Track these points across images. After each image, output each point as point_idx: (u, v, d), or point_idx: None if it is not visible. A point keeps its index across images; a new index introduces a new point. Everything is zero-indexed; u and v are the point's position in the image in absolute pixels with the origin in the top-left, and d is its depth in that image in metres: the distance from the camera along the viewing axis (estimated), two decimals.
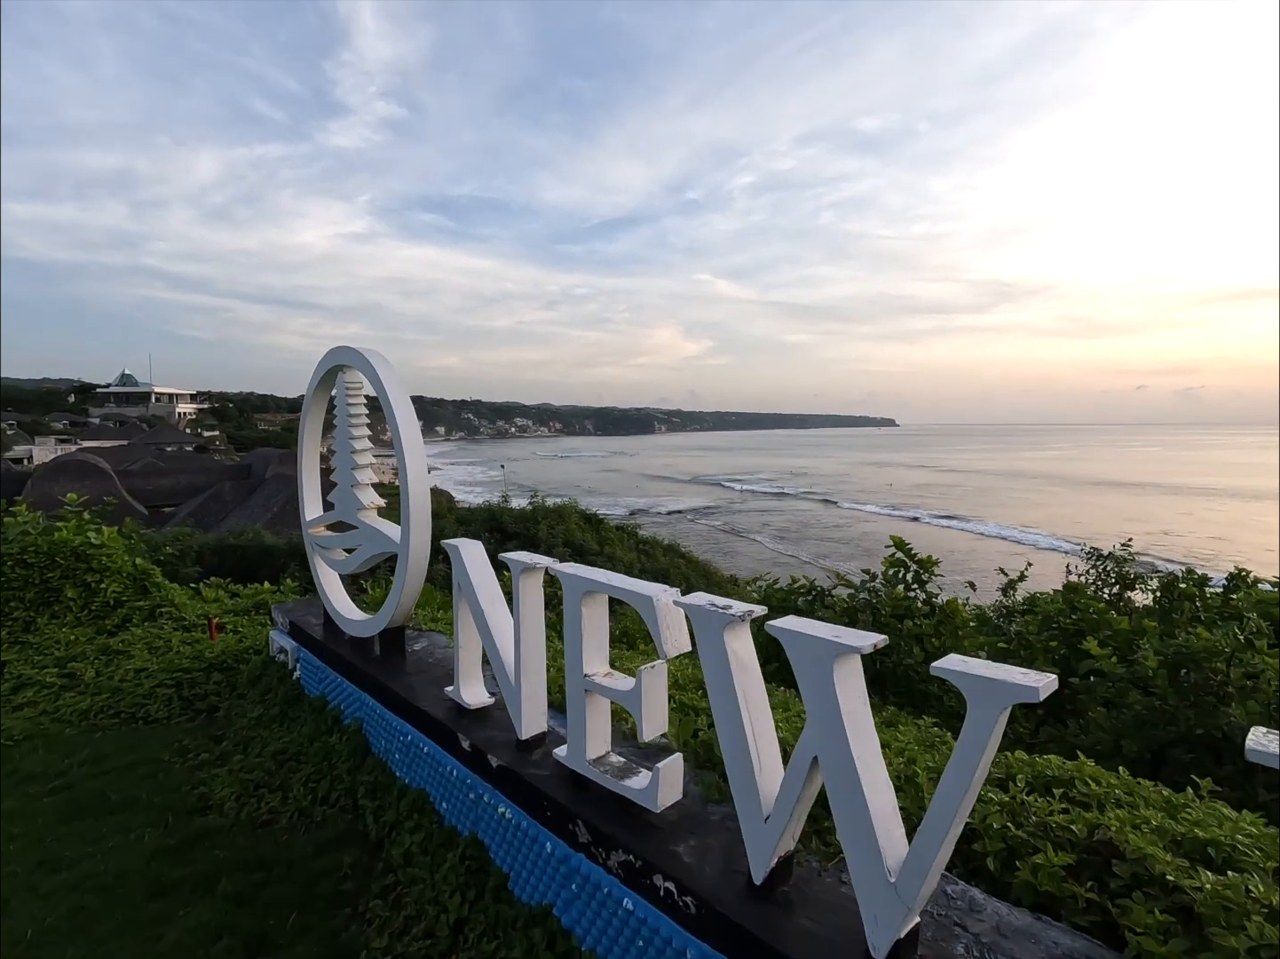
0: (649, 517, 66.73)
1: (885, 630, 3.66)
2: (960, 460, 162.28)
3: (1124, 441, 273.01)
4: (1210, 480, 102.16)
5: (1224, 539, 58.81)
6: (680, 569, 20.06)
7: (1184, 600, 4.69)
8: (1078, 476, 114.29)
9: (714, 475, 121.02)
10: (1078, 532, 60.61)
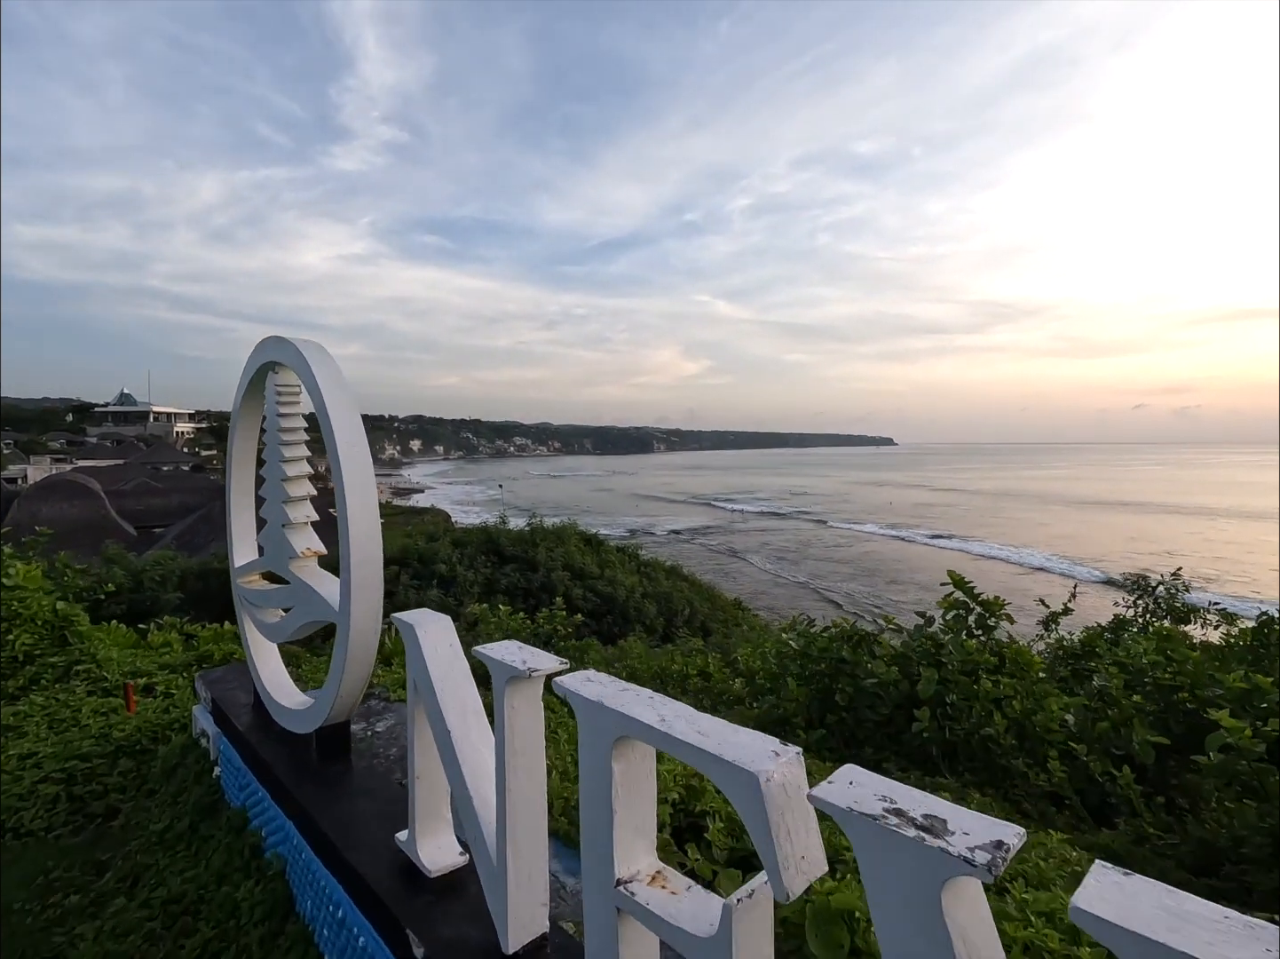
0: (648, 536, 66.08)
1: (953, 688, 3.09)
2: (959, 480, 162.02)
3: (1122, 461, 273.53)
4: (1210, 500, 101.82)
5: (1226, 558, 58.35)
6: (683, 593, 19.45)
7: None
8: (1077, 496, 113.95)
9: (713, 495, 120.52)
10: (1079, 551, 60.15)
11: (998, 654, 3.22)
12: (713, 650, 8.58)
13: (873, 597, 44.68)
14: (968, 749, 2.91)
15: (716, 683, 5.41)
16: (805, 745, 3.08)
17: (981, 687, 2.93)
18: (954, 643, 3.19)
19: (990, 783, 2.81)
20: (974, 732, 2.86)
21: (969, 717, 2.91)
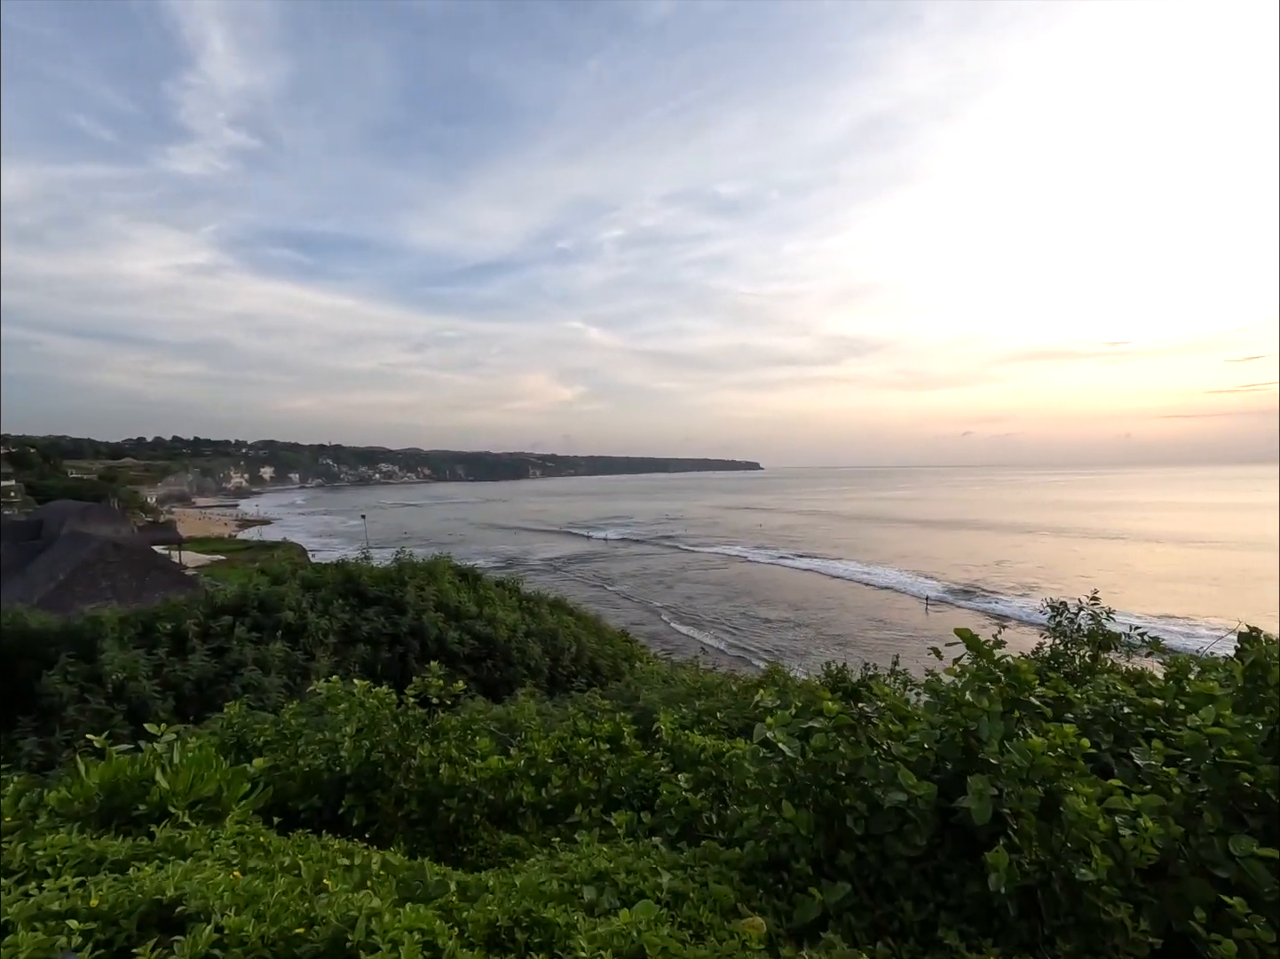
0: (525, 567, 63.80)
1: (1011, 801, 2.23)
2: (820, 502, 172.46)
3: (956, 482, 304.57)
4: (1027, 518, 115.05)
5: (1047, 567, 65.88)
6: (569, 628, 18.12)
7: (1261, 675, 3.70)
8: (920, 516, 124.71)
9: (589, 521, 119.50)
10: (926, 567, 65.44)
11: (1030, 753, 2.38)
12: (617, 705, 7.47)
13: (746, 618, 45.42)
14: (1049, 893, 2.06)
15: (643, 770, 4.32)
16: (823, 912, 2.08)
17: (1071, 806, 2.10)
18: (991, 729, 2.35)
19: (1089, 950, 1.97)
20: (1060, 873, 2.01)
21: (1048, 848, 2.07)
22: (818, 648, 36.95)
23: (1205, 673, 4.61)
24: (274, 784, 4.14)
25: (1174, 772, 2.87)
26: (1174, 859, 2.36)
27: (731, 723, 6.59)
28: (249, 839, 2.54)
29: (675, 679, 10.40)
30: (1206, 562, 66.09)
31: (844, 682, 9.29)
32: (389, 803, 4.13)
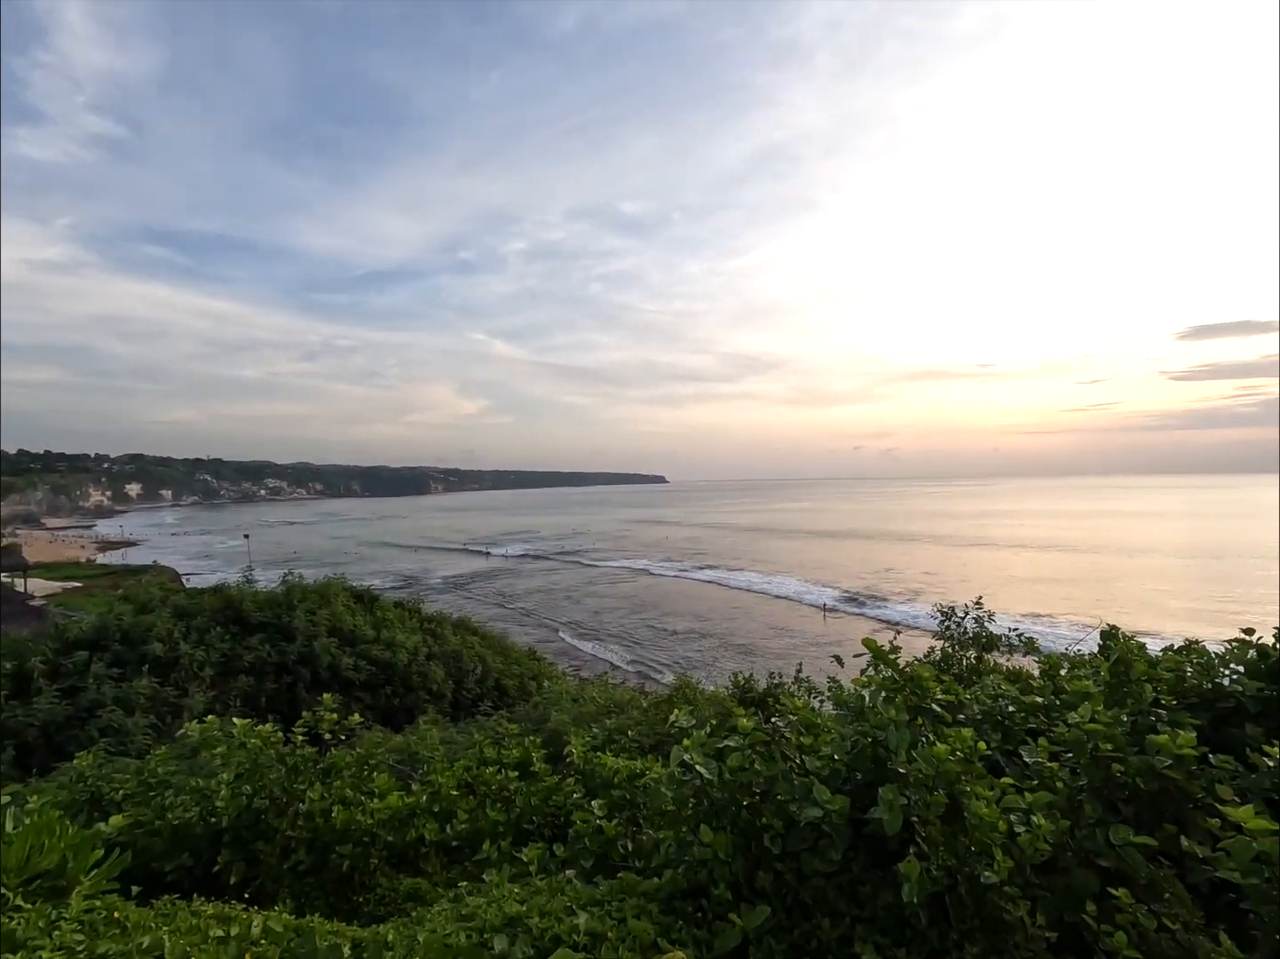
0: (426, 586, 61.37)
1: (919, 808, 2.29)
2: (723, 515, 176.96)
3: (848, 493, 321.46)
4: (913, 527, 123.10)
5: (931, 573, 70.65)
6: (474, 648, 17.53)
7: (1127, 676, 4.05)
8: (816, 527, 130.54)
9: (494, 536, 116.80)
10: (822, 575, 68.56)
11: (932, 757, 2.48)
12: (526, 728, 7.23)
13: (654, 630, 45.74)
14: (955, 898, 2.12)
15: (555, 798, 4.16)
16: (744, 938, 2.04)
17: (973, 810, 2.17)
18: (899, 738, 2.42)
19: (994, 951, 2.03)
20: (969, 876, 2.07)
21: (954, 853, 2.13)
22: (723, 658, 37.69)
23: (1075, 670, 5.02)
24: (135, 844, 3.67)
25: (1057, 767, 3.08)
26: (1063, 852, 2.51)
27: (643, 740, 6.53)
28: (100, 917, 2.19)
29: (585, 698, 10.24)
30: (1064, 564, 72.94)
31: (751, 692, 9.47)
32: (273, 854, 3.76)
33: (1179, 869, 2.66)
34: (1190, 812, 2.87)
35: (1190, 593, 52.30)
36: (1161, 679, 4.32)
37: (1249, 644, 4.49)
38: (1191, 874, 2.56)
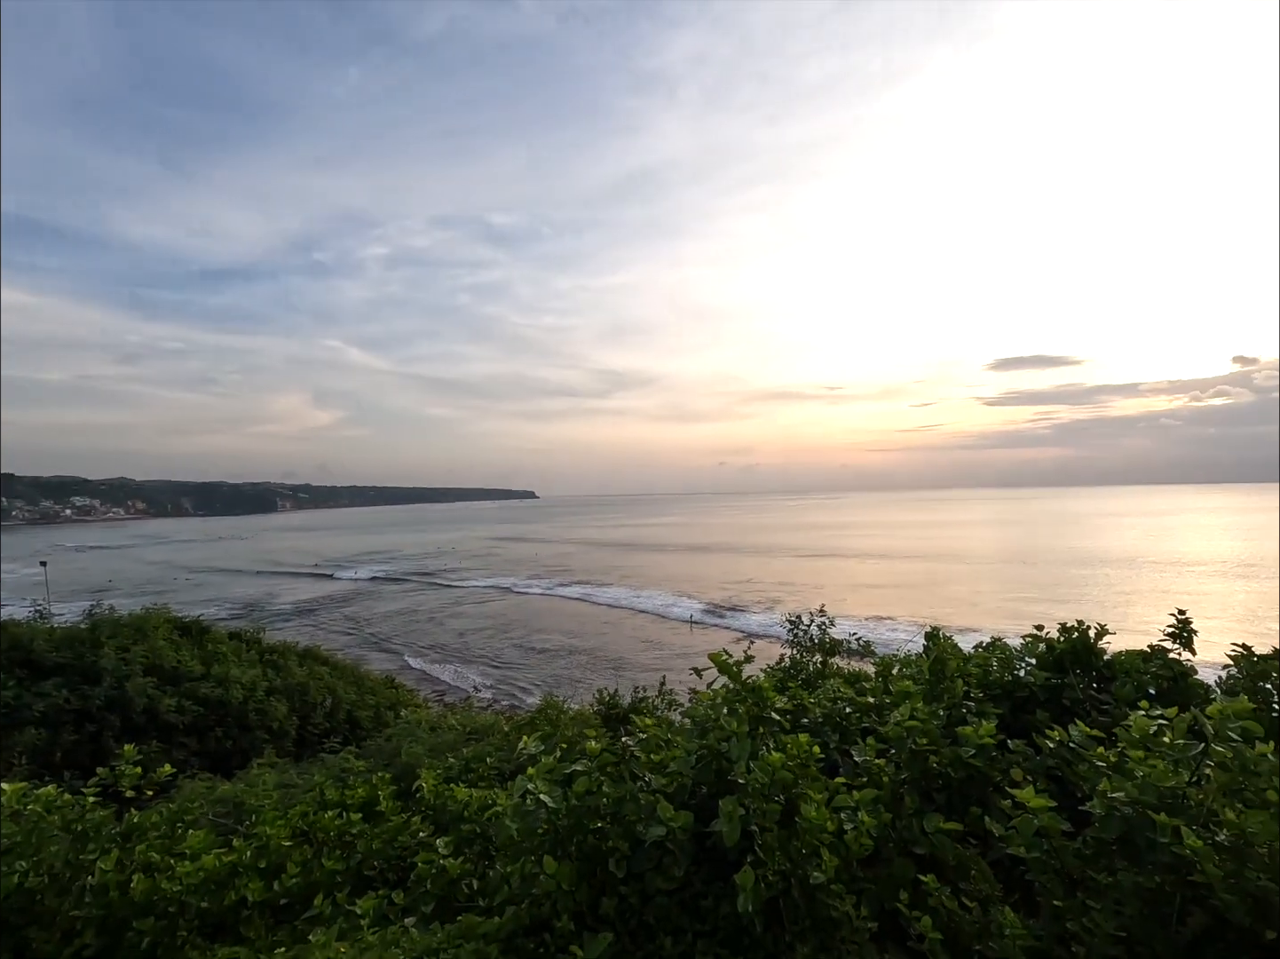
0: (269, 613, 56.19)
1: (757, 817, 2.37)
2: (594, 531, 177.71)
3: (712, 508, 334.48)
4: (772, 539, 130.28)
5: (788, 583, 75.06)
6: (323, 680, 16.22)
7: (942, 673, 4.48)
8: (683, 541, 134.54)
9: (352, 557, 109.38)
10: (689, 588, 70.77)
11: (787, 753, 2.63)
12: (376, 764, 6.77)
13: (522, 649, 44.86)
14: (789, 901, 2.21)
15: (400, 838, 3.88)
16: None
17: (805, 814, 2.28)
18: (739, 749, 2.50)
19: (823, 948, 2.13)
20: (797, 878, 2.17)
21: (788, 857, 2.22)
22: (593, 674, 37.62)
23: (903, 670, 5.49)
24: None
25: (884, 763, 3.33)
26: (885, 844, 2.71)
27: (503, 767, 6.31)
28: None
29: (444, 725, 9.77)
30: (903, 571, 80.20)
31: (615, 708, 9.49)
32: (51, 940, 3.21)
33: (984, 848, 2.97)
34: (991, 795, 3.21)
35: (1003, 594, 59.31)
36: (971, 674, 4.83)
37: (1039, 639, 5.14)
38: (992, 852, 2.86)
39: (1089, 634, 4.88)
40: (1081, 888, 2.30)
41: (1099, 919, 2.02)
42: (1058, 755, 3.20)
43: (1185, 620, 4.74)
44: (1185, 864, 1.96)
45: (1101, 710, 4.51)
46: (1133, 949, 2.00)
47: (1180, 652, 4.70)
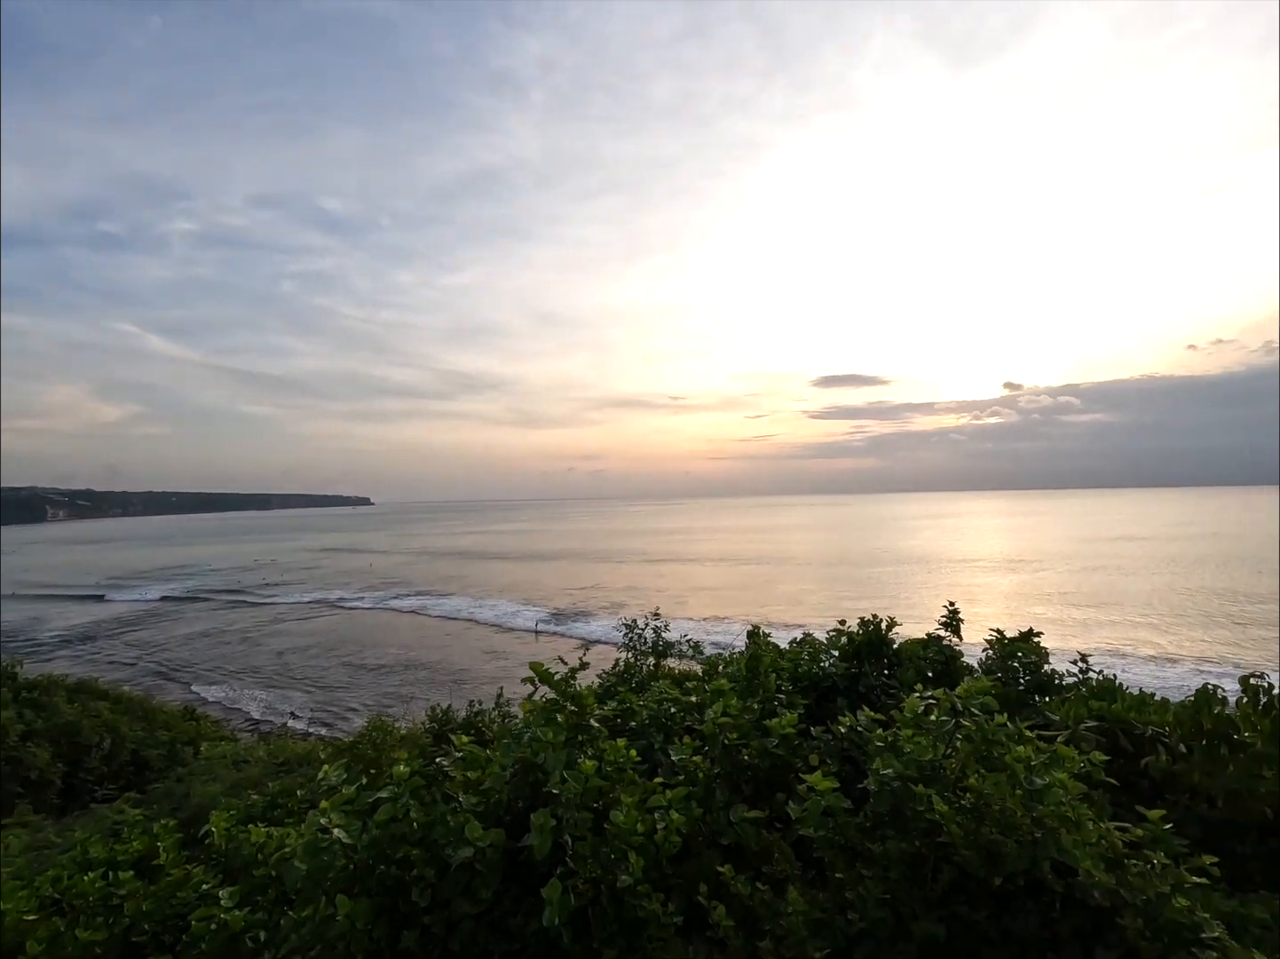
0: (32, 643, 47.57)
1: (570, 827, 2.36)
2: (436, 540, 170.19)
3: (561, 514, 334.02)
4: (618, 545, 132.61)
5: (633, 588, 76.78)
6: (102, 717, 13.97)
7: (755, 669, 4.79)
8: (529, 548, 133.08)
9: (138, 573, 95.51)
10: (535, 596, 70.07)
11: (600, 760, 2.64)
12: (160, 811, 5.94)
13: (351, 668, 41.91)
14: (598, 909, 2.20)
15: (180, 894, 3.41)
16: None
17: (614, 819, 2.29)
18: (555, 759, 2.48)
19: (631, 949, 2.15)
20: (607, 884, 2.17)
21: (599, 863, 2.23)
22: (431, 689, 35.91)
23: (726, 669, 5.80)
24: None
25: (700, 760, 3.48)
26: (695, 839, 2.83)
27: (318, 799, 5.81)
28: None
29: (253, 758, 8.82)
30: (740, 573, 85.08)
31: (449, 724, 9.11)
32: None
33: (786, 831, 3.20)
34: (794, 781, 3.48)
35: (825, 592, 64.90)
36: (784, 669, 5.21)
37: (842, 633, 5.67)
38: (790, 834, 3.09)
39: (881, 627, 5.47)
40: (860, 859, 2.55)
41: (869, 886, 2.25)
42: (849, 739, 3.54)
43: (954, 610, 5.49)
44: (936, 828, 2.24)
45: (890, 694, 5.07)
46: (896, 909, 2.25)
47: (951, 638, 5.43)
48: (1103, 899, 1.96)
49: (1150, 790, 3.93)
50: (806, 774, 2.66)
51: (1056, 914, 2.09)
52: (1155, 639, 35.52)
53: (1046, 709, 4.67)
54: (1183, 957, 1.90)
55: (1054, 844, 2.04)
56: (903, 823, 2.42)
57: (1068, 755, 2.39)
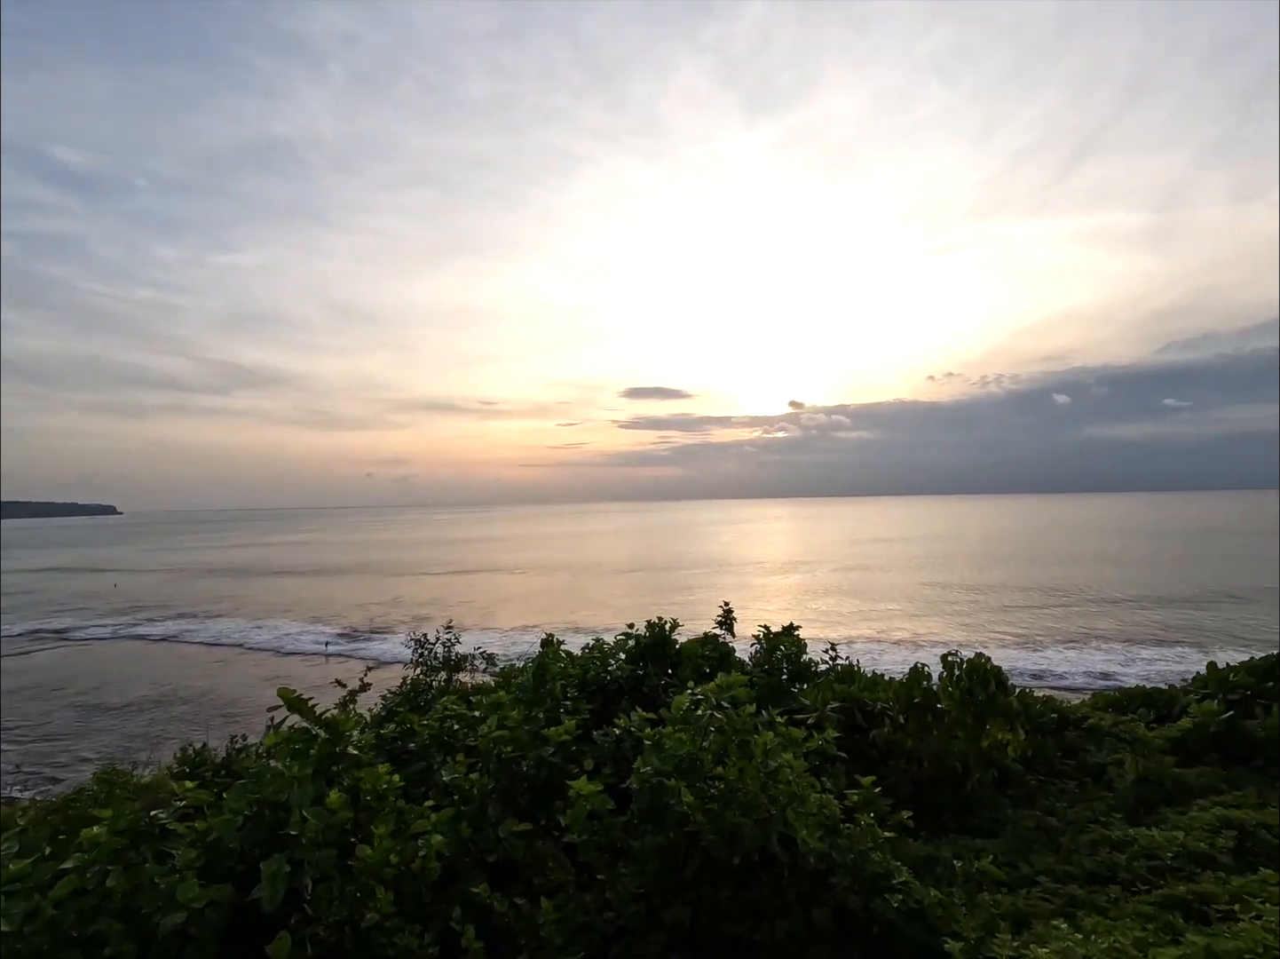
0: None
1: (311, 870, 2.14)
2: (204, 553, 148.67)
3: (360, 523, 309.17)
4: (425, 555, 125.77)
5: (438, 600, 73.29)
6: None
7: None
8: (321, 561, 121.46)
9: None
10: (326, 613, 64.04)
11: (354, 792, 2.41)
12: None
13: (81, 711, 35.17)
14: (340, 951, 1.99)
15: None
16: None
17: (360, 854, 2.10)
18: (301, 796, 2.23)
19: None
20: (353, 924, 1.97)
21: (345, 904, 2.02)
22: (192, 728, 31.18)
23: (516, 679, 5.73)
24: None
25: (476, 777, 3.38)
26: (462, 861, 2.74)
27: None
28: None
29: None
30: (550, 580, 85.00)
31: (203, 765, 7.97)
32: None
33: (564, 839, 3.21)
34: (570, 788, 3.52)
35: (632, 596, 67.14)
36: (572, 675, 5.27)
37: (629, 635, 5.88)
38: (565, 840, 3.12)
39: (665, 628, 5.77)
40: (623, 857, 2.65)
41: (625, 882, 2.33)
42: (624, 740, 3.67)
43: (729, 610, 5.97)
44: (686, 818, 2.39)
45: (672, 693, 5.34)
46: (650, 901, 2.36)
47: (726, 635, 5.89)
48: (818, 863, 2.22)
49: (877, 758, 4.58)
50: (572, 782, 2.71)
51: (785, 882, 2.33)
52: (906, 626, 41.59)
53: (803, 695, 5.25)
54: (878, 902, 2.20)
55: (781, 819, 2.27)
56: (660, 817, 2.54)
57: (796, 736, 2.68)
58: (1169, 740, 4.95)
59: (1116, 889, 2.98)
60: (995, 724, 4.19)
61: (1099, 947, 1.97)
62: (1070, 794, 4.39)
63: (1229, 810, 3.61)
